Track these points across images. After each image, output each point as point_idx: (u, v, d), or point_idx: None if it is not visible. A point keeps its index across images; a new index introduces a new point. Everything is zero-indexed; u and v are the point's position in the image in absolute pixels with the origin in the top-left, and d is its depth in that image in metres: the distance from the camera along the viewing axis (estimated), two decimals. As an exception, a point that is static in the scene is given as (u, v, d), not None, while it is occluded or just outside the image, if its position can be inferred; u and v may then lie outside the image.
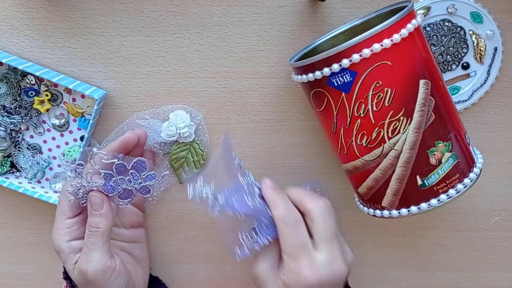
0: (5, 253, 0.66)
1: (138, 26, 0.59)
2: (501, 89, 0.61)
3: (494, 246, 0.65)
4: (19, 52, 0.60)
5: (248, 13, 0.59)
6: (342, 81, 0.49)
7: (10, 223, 0.65)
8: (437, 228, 0.65)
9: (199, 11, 0.59)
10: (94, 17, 0.59)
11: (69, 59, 0.60)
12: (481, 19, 0.59)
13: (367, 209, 0.55)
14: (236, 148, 0.62)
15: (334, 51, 0.48)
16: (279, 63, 0.60)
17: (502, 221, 0.64)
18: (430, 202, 0.51)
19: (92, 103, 0.60)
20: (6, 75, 0.60)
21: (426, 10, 0.58)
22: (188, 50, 0.60)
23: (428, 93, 0.49)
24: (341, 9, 0.59)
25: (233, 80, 0.61)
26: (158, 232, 0.65)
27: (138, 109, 0.61)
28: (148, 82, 0.61)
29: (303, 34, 0.60)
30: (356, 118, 0.50)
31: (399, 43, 0.48)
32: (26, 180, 0.63)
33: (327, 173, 0.63)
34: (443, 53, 0.59)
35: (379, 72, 0.48)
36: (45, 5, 0.59)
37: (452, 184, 0.51)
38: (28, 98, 0.61)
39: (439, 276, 0.66)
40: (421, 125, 0.49)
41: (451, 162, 0.51)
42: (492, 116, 0.62)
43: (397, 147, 0.50)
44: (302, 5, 0.59)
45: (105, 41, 0.60)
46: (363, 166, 0.52)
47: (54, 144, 0.62)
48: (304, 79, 0.52)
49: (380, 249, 0.65)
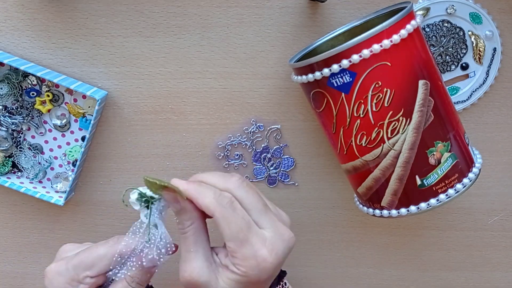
0: (7, 253, 0.66)
1: (139, 27, 0.60)
2: (500, 89, 0.61)
3: (493, 246, 0.65)
4: (21, 53, 0.60)
5: (248, 14, 0.59)
6: (342, 81, 0.49)
7: (11, 223, 0.65)
8: (436, 228, 0.65)
9: (200, 12, 0.59)
10: (95, 18, 0.59)
11: (70, 60, 0.60)
12: (480, 20, 0.59)
13: (366, 208, 0.55)
14: (236, 148, 0.62)
15: (333, 51, 0.48)
16: (279, 63, 0.60)
17: (501, 220, 0.64)
18: (429, 202, 0.51)
19: (93, 103, 0.61)
20: (7, 76, 0.60)
21: (426, 11, 0.58)
22: (188, 50, 0.60)
23: (427, 94, 0.49)
24: (340, 10, 0.59)
25: (233, 81, 0.61)
26: (158, 232, 0.65)
27: (139, 109, 0.62)
28: (149, 82, 0.61)
29: (303, 35, 0.60)
30: (356, 118, 0.50)
31: (399, 44, 0.48)
32: (27, 180, 0.63)
33: (326, 173, 0.63)
34: (442, 53, 0.60)
35: (378, 72, 0.48)
36: (46, 6, 0.59)
37: (451, 184, 0.52)
38: (29, 99, 0.61)
39: (438, 275, 0.66)
40: (420, 125, 0.49)
41: (450, 162, 0.51)
42: (491, 116, 0.62)
43: (396, 147, 0.50)
44: (302, 6, 0.59)
45: (106, 42, 0.60)
46: (363, 166, 0.52)
47: (55, 144, 0.63)
48: (304, 79, 0.52)
49: (379, 248, 0.65)
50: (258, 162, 0.62)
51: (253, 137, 0.62)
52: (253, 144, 0.62)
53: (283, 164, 0.62)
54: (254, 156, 0.62)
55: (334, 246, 0.65)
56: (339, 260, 0.66)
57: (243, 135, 0.62)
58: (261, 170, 0.62)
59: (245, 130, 0.62)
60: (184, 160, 0.63)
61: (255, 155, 0.62)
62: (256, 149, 0.62)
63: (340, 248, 0.65)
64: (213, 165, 0.63)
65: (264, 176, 0.63)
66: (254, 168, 0.63)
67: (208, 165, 0.63)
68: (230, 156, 0.63)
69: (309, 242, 0.65)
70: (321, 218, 0.64)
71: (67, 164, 0.63)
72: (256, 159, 0.62)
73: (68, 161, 0.63)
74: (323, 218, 0.64)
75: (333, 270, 0.66)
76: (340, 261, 0.66)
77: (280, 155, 0.62)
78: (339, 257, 0.65)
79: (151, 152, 0.63)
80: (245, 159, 0.63)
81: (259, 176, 0.63)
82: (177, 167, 0.63)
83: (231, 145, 0.62)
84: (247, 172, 0.63)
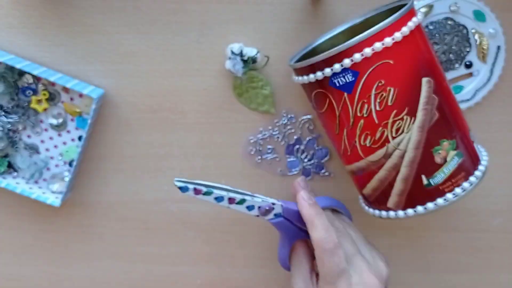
0: (2, 255, 0.66)
1: (136, 24, 0.59)
2: (504, 88, 0.61)
3: (497, 247, 0.65)
4: (16, 51, 0.60)
5: (248, 10, 0.59)
6: (344, 81, 0.49)
7: (7, 224, 0.65)
8: (439, 229, 0.64)
9: (199, 8, 0.59)
10: (92, 15, 0.59)
11: (67, 58, 0.60)
12: (483, 18, 0.58)
13: (372, 210, 0.55)
14: (269, 142, 0.62)
15: (335, 51, 0.48)
16: (279, 61, 0.60)
17: (505, 222, 0.64)
18: (436, 201, 0.51)
19: (90, 102, 0.60)
20: (3, 74, 0.59)
21: (429, 8, 0.58)
22: (187, 48, 0.60)
23: (431, 91, 0.49)
24: (342, 6, 0.59)
25: (233, 80, 0.60)
26: (157, 233, 0.65)
27: (137, 108, 0.61)
28: (147, 80, 0.61)
29: (304, 32, 0.59)
30: (359, 118, 0.50)
31: (401, 41, 0.48)
32: (23, 181, 0.63)
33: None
34: (446, 51, 0.59)
35: (381, 71, 0.48)
36: (42, 3, 0.59)
37: (458, 182, 0.51)
38: (25, 98, 0.61)
39: (442, 277, 0.66)
40: (425, 123, 0.49)
41: (456, 160, 0.51)
42: (495, 115, 0.62)
43: (401, 147, 0.49)
44: (303, 2, 0.59)
45: (103, 39, 0.60)
46: (367, 166, 0.52)
47: (51, 144, 0.62)
48: (305, 80, 0.52)
49: (383, 250, 0.65)
50: (291, 155, 0.62)
51: (285, 129, 0.61)
52: (285, 136, 0.62)
53: (317, 155, 0.61)
54: (287, 149, 0.62)
55: (335, 247, 0.65)
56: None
57: (275, 128, 0.61)
58: (295, 163, 0.62)
59: (276, 122, 0.61)
60: (182, 160, 0.63)
61: (287, 148, 0.62)
62: (288, 141, 0.62)
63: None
64: (246, 162, 0.63)
65: (299, 169, 0.62)
66: (287, 162, 0.62)
67: (208, 165, 0.63)
68: (263, 151, 0.62)
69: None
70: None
71: (63, 164, 0.63)
72: (289, 151, 0.61)
73: (65, 161, 0.62)
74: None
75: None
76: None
77: (314, 145, 0.61)
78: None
79: (148, 152, 0.63)
80: (278, 153, 0.62)
81: (294, 169, 0.62)
82: (175, 167, 0.63)
83: (263, 139, 0.62)
84: (281, 166, 0.62)
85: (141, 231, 0.65)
